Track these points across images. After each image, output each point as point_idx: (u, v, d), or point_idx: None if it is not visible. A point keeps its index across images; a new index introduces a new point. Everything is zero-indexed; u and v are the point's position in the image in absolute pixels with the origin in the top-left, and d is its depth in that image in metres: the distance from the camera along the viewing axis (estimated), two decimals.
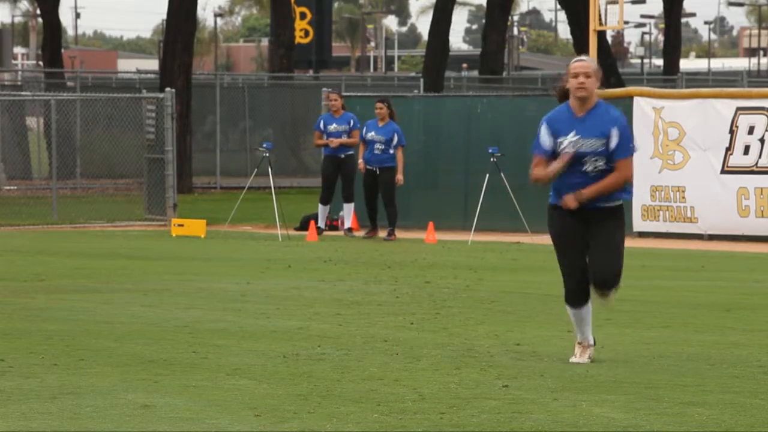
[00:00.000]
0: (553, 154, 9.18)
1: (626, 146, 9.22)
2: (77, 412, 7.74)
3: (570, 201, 9.04)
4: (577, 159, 9.11)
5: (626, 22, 47.11)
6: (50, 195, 27.49)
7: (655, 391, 7.55)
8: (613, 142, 9.14)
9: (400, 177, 21.69)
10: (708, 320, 11.88)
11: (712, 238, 20.60)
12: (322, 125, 22.65)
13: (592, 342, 9.34)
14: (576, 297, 9.26)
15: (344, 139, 22.32)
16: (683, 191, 20.67)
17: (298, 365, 9.40)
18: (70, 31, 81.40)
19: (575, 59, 9.46)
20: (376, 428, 7.33)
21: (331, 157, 22.57)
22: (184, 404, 8.02)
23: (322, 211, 22.77)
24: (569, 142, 9.10)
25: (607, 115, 9.27)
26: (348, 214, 22.79)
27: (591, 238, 9.17)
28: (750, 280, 16.04)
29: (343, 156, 22.40)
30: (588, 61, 9.34)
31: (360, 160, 21.97)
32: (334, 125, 22.46)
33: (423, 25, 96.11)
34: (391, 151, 21.76)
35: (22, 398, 8.22)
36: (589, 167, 9.13)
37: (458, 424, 7.46)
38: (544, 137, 9.24)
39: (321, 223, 22.62)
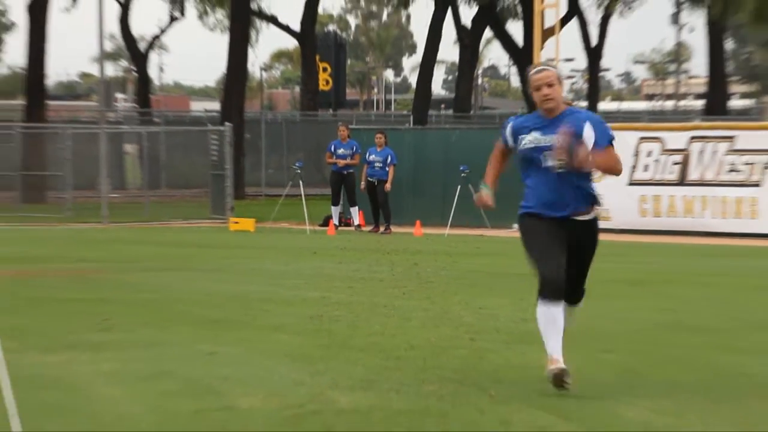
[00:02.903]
0: (509, 150, 6.84)
1: (605, 134, 6.64)
2: (162, 358, 7.80)
3: (582, 153, 6.46)
4: (538, 154, 6.61)
5: None
6: (143, 200, 27.56)
7: (577, 343, 7.59)
8: (589, 134, 6.57)
9: (388, 186, 21.92)
10: (617, 292, 11.93)
11: (621, 231, 20.65)
12: (332, 148, 22.85)
13: (561, 361, 6.49)
14: (553, 286, 6.58)
15: (348, 161, 22.54)
16: (601, 197, 20.71)
17: (321, 324, 9.43)
18: (156, 82, 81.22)
19: (534, 71, 6.70)
20: (378, 370, 7.37)
21: (337, 173, 22.76)
22: (240, 352, 8.07)
23: (334, 210, 22.96)
24: (529, 140, 6.65)
25: (576, 113, 6.72)
26: (355, 214, 22.95)
27: (568, 258, 6.66)
28: (649, 263, 16.09)
29: (345, 173, 22.62)
30: (548, 70, 6.66)
31: (362, 183, 22.18)
32: (342, 149, 22.65)
33: (412, 77, 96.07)
34: (386, 168, 22.01)
35: (122, 347, 8.28)
36: (550, 162, 6.56)
37: (438, 366, 7.50)
38: (507, 135, 6.79)
39: (335, 220, 22.78)
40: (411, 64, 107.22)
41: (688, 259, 16.75)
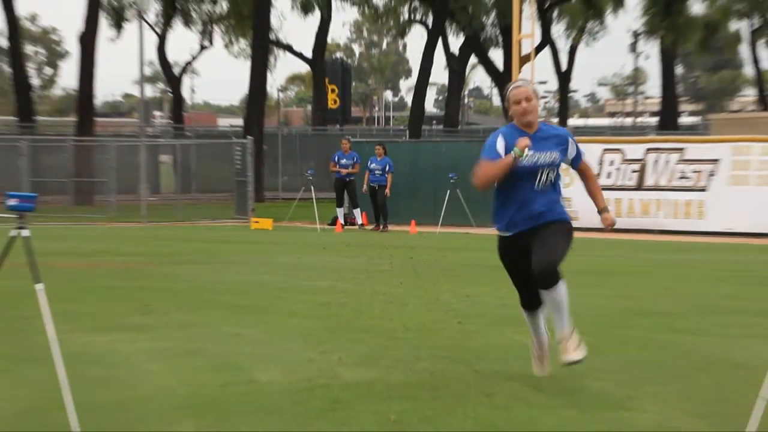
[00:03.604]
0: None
1: (580, 150, 6.28)
2: (194, 338, 7.80)
3: (611, 223, 6.31)
4: (533, 171, 6.00)
5: None
6: (176, 203, 27.52)
7: (551, 324, 7.58)
8: (572, 149, 6.17)
9: (387, 191, 21.95)
10: (584, 281, 11.90)
11: (588, 230, 20.62)
12: (336, 159, 22.85)
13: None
14: (530, 302, 6.28)
15: (350, 170, 22.55)
16: (570, 200, 20.68)
17: (330, 309, 9.43)
18: (188, 101, 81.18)
19: (512, 86, 6.13)
20: (379, 349, 7.37)
21: (340, 179, 22.75)
22: (260, 333, 8.06)
23: (339, 212, 22.99)
24: (526, 155, 5.96)
25: (555, 130, 6.21)
26: (358, 215, 22.97)
27: (533, 241, 6.01)
28: (612, 256, 16.09)
29: (347, 180, 22.62)
30: (525, 86, 6.10)
31: (364, 186, 22.24)
32: (344, 160, 22.68)
33: (408, 97, 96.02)
34: (385, 175, 22.08)
35: (159, 328, 8.28)
36: (542, 179, 6.03)
37: (430, 346, 7.50)
38: (499, 145, 6.01)
39: (341, 219, 22.82)
40: (407, 85, 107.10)
41: (645, 254, 16.75)
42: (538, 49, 42.29)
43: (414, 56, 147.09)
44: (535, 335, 6.41)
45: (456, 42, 45.97)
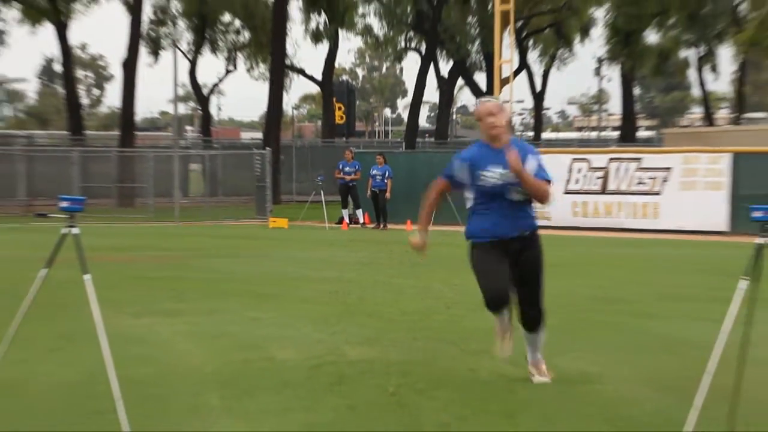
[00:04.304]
0: (454, 186, 5.62)
1: (544, 170, 5.37)
2: (220, 322, 7.77)
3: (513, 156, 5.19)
4: (504, 189, 5.30)
5: (513, 112, 47.01)
6: (204, 205, 27.47)
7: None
8: (531, 165, 5.29)
9: (388, 195, 21.94)
10: (556, 273, 11.83)
11: (559, 228, 20.61)
12: (340, 167, 22.83)
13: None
14: (497, 300, 5.43)
15: (352, 176, 22.50)
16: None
17: (337, 296, 9.40)
18: (215, 117, 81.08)
19: (478, 104, 5.47)
20: (379, 330, 7.34)
21: (344, 184, 22.71)
22: (276, 317, 8.04)
23: (344, 213, 22.96)
24: (494, 174, 5.30)
25: (523, 147, 5.37)
26: (360, 215, 22.95)
27: (516, 272, 5.44)
28: (580, 251, 16.03)
29: (350, 185, 22.59)
30: (489, 102, 5.36)
31: (368, 191, 22.18)
32: (348, 167, 22.67)
33: (405, 113, 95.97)
34: (385, 181, 22.06)
35: (189, 313, 8.24)
36: (514, 196, 5.30)
37: (423, 327, 7.48)
38: (461, 172, 5.49)
39: (346, 219, 22.80)
40: (403, 104, 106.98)
41: (608, 248, 16.71)
42: (516, 72, 42.32)
43: (409, 79, 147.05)
44: (498, 320, 5.53)
45: (446, 66, 45.97)
